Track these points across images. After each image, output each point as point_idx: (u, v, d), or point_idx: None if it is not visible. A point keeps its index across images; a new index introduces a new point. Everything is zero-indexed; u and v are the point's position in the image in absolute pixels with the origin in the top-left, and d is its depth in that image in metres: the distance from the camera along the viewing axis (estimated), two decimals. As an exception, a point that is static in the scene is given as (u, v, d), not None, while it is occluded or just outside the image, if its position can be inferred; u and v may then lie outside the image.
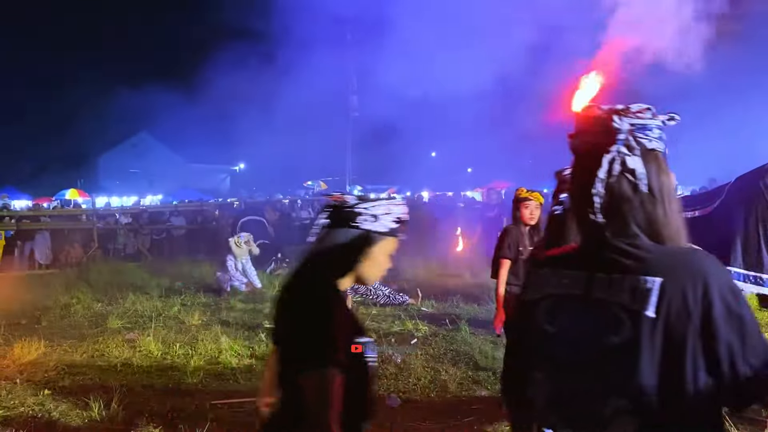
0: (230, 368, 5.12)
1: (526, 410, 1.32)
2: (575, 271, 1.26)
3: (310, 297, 1.59)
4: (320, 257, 1.67)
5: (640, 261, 1.17)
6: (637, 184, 1.22)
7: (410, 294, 8.23)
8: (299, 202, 21.85)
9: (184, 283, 9.91)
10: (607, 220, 1.22)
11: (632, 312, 1.14)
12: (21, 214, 15.77)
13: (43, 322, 7.17)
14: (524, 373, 1.32)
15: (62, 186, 28.65)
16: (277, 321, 1.70)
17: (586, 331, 1.21)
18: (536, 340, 1.30)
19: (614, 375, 1.15)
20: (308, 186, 34.83)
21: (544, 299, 1.30)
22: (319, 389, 1.48)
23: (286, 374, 1.60)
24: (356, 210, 1.66)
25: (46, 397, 4.40)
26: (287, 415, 1.59)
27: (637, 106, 1.25)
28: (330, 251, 1.66)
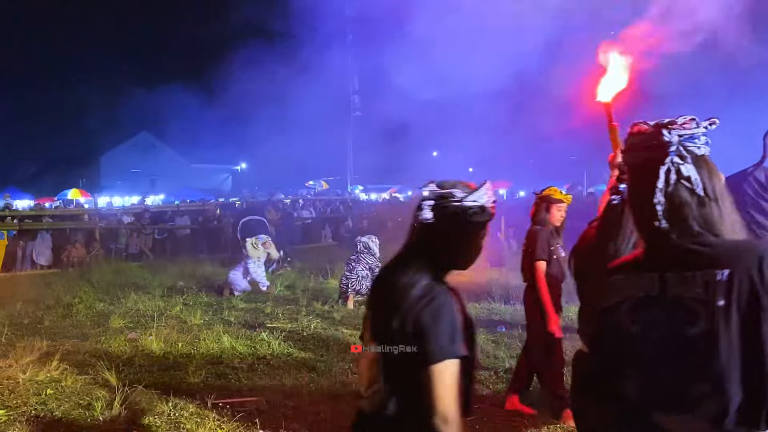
0: (232, 368, 5.13)
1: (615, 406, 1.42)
2: (648, 274, 1.38)
3: (427, 292, 1.60)
4: (428, 251, 1.67)
5: (707, 256, 1.30)
6: (693, 189, 1.35)
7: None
8: (301, 202, 21.87)
9: (185, 284, 9.92)
10: (670, 225, 1.36)
11: (706, 303, 1.27)
12: (23, 213, 15.80)
13: (46, 322, 7.19)
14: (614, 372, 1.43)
15: (64, 186, 28.70)
16: (376, 318, 1.71)
17: (666, 325, 1.33)
18: (622, 341, 1.42)
19: (696, 362, 1.27)
20: (310, 186, 34.85)
21: (623, 303, 1.42)
22: (445, 381, 1.51)
23: (396, 369, 1.60)
24: (465, 204, 1.67)
25: (48, 397, 4.41)
26: (400, 409, 1.60)
27: (682, 118, 1.40)
28: (440, 245, 1.67)
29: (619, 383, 1.42)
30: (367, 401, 1.69)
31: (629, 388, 1.39)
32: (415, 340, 1.55)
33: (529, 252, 4.20)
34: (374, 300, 1.79)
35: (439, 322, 1.55)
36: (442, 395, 1.50)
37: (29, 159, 43.61)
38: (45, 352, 5.49)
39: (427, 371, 1.51)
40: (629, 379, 1.39)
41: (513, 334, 6.20)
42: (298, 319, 7.08)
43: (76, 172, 40.10)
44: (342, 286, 8.09)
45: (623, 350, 1.42)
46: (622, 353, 1.42)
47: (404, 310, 1.59)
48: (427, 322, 1.55)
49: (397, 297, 1.62)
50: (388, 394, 1.61)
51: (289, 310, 7.65)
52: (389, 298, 1.65)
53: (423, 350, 1.53)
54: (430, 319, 1.55)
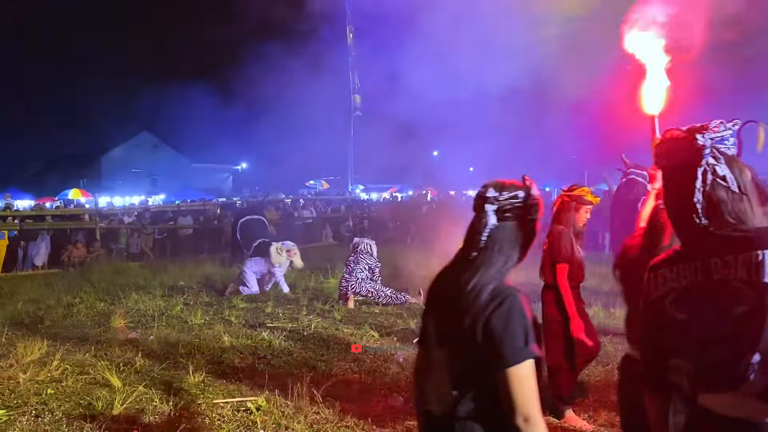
0: (232, 367, 5.13)
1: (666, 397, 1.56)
2: (691, 264, 1.52)
3: (497, 295, 1.61)
4: (492, 253, 1.68)
5: (746, 241, 1.43)
6: (729, 187, 1.50)
7: (412, 293, 8.23)
8: (301, 202, 21.88)
9: (186, 283, 9.93)
10: (708, 220, 1.50)
11: (751, 283, 1.39)
12: (24, 213, 15.81)
13: (47, 322, 7.19)
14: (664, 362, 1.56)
15: (65, 186, 28.72)
16: (443, 323, 1.73)
17: (714, 308, 1.45)
18: (670, 331, 1.54)
19: (746, 338, 1.38)
20: (311, 185, 34.87)
21: (668, 294, 1.55)
22: (524, 383, 1.54)
23: (469, 372, 1.61)
24: (529, 203, 1.70)
25: (49, 397, 4.41)
26: (476, 411, 1.61)
27: (713, 123, 1.56)
28: (506, 246, 1.69)
29: (669, 373, 1.53)
30: (436, 404, 1.69)
31: (679, 376, 1.50)
32: (490, 343, 1.57)
33: (551, 252, 4.10)
34: (438, 304, 1.80)
35: (513, 325, 1.57)
36: (521, 397, 1.53)
37: (30, 159, 43.64)
38: (45, 352, 5.50)
39: (504, 374, 1.54)
40: (679, 367, 1.50)
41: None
42: (299, 318, 7.08)
43: (77, 172, 40.15)
44: (342, 288, 8.08)
45: (671, 339, 1.53)
46: (670, 343, 1.53)
47: (475, 314, 1.60)
48: (501, 325, 1.57)
49: (466, 301, 1.63)
50: (462, 396, 1.62)
51: (289, 309, 7.65)
52: (458, 303, 1.65)
53: (499, 354, 1.55)
54: (504, 322, 1.57)
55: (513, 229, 1.70)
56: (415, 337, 6.12)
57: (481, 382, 1.59)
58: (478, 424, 1.61)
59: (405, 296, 7.99)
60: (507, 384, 1.53)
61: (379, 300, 7.90)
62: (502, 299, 1.60)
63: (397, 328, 6.54)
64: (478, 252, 1.69)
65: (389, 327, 6.59)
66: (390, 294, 7.96)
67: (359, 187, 33.07)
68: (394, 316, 7.19)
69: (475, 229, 1.72)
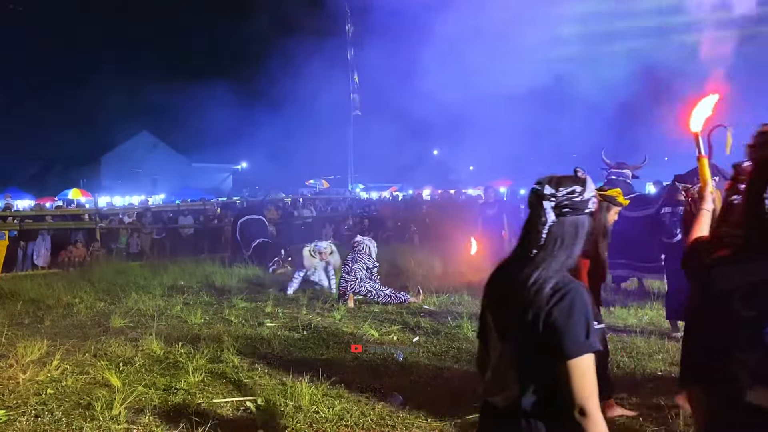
0: (232, 367, 5.13)
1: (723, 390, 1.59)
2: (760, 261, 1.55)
3: (559, 288, 1.63)
4: (553, 249, 1.70)
5: None
6: None
7: (412, 292, 8.24)
8: (301, 201, 21.87)
9: (186, 283, 9.93)
10: None
11: None
12: (24, 214, 15.81)
13: (46, 322, 7.19)
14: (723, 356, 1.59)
15: (65, 186, 28.71)
16: (504, 317, 1.75)
17: None
18: (737, 325, 1.57)
19: None
20: (310, 184, 34.87)
21: (737, 290, 1.58)
22: (583, 376, 1.56)
23: (531, 365, 1.64)
24: (585, 197, 1.72)
25: (48, 397, 4.42)
26: (538, 404, 1.63)
27: None
28: (566, 241, 1.70)
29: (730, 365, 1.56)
30: (499, 397, 1.72)
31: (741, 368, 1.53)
32: (551, 336, 1.59)
33: None
34: (497, 300, 1.82)
35: (574, 318, 1.59)
36: (580, 389, 1.55)
37: (30, 159, 43.63)
38: (45, 352, 5.50)
39: (565, 366, 1.56)
40: (744, 361, 1.54)
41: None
42: (299, 318, 7.08)
43: (77, 172, 40.14)
44: (341, 288, 8.09)
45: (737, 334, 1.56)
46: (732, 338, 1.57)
47: (537, 308, 1.62)
48: (563, 318, 1.59)
49: (528, 295, 1.65)
50: (524, 389, 1.65)
51: (289, 309, 7.65)
52: (519, 297, 1.67)
53: (560, 346, 1.58)
54: (565, 315, 1.59)
55: (572, 224, 1.71)
56: (416, 336, 6.13)
57: (543, 375, 1.62)
58: (540, 417, 1.63)
59: (405, 295, 7.99)
60: (566, 376, 1.56)
61: (379, 299, 7.90)
62: (565, 292, 1.62)
63: (397, 327, 6.53)
64: (539, 249, 1.71)
65: (389, 326, 6.59)
66: (389, 293, 7.96)
67: (359, 186, 33.08)
68: (393, 315, 7.19)
69: (534, 226, 1.74)
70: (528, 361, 1.65)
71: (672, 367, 4.97)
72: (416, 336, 6.16)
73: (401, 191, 29.91)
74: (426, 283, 8.92)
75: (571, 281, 1.66)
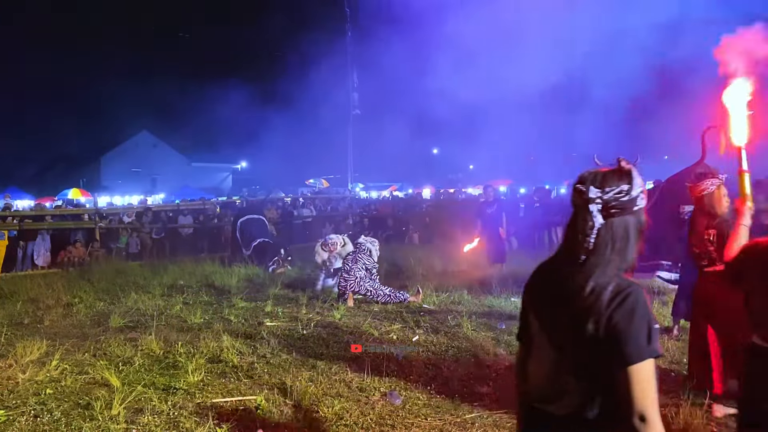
0: (232, 367, 5.12)
1: None
2: None
3: (618, 292, 1.57)
4: (603, 251, 1.61)
5: None
6: None
7: (411, 291, 8.23)
8: (301, 200, 21.86)
9: (185, 282, 9.92)
10: None
11: None
12: (24, 214, 15.80)
13: (46, 322, 7.18)
14: None
15: (65, 185, 28.71)
16: (556, 322, 1.67)
17: None
18: None
19: None
20: (310, 184, 34.87)
21: None
22: (644, 382, 1.50)
23: (587, 371, 1.58)
24: (633, 194, 1.63)
25: (48, 397, 4.41)
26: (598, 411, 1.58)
27: None
28: (619, 243, 1.62)
29: None
30: (556, 405, 1.65)
31: None
32: (612, 340, 1.53)
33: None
34: (544, 305, 1.74)
35: (635, 322, 1.53)
36: (641, 396, 1.50)
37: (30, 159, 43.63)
38: (45, 351, 5.50)
39: (626, 372, 1.51)
40: None
41: (513, 331, 6.18)
42: (299, 317, 7.07)
43: (77, 172, 40.15)
44: (340, 288, 8.08)
45: None
46: None
47: (597, 314, 1.56)
48: (624, 322, 1.53)
49: (586, 303, 1.58)
50: (586, 397, 1.59)
51: (289, 308, 7.65)
52: (576, 304, 1.60)
53: (621, 351, 1.52)
54: (626, 320, 1.53)
55: (621, 225, 1.62)
56: (415, 335, 6.13)
57: (598, 380, 1.56)
58: (604, 426, 1.58)
59: (404, 294, 7.98)
60: (626, 382, 1.50)
61: (378, 298, 7.89)
62: (625, 295, 1.56)
63: (397, 326, 6.53)
64: (588, 254, 1.62)
65: (389, 325, 6.58)
66: (389, 292, 7.95)
67: (359, 185, 33.07)
68: (393, 315, 7.19)
69: (580, 229, 1.65)
70: (589, 369, 1.58)
71: (672, 365, 4.97)
72: (416, 335, 6.15)
73: (401, 190, 29.91)
74: (425, 282, 8.92)
75: (630, 284, 1.59)
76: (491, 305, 7.66)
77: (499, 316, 6.98)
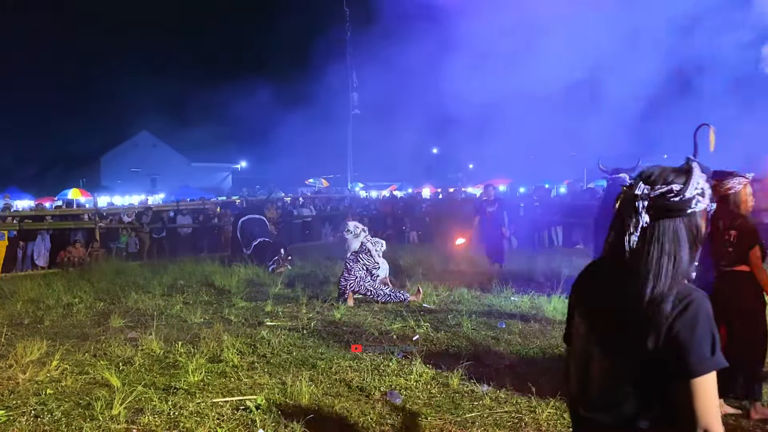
0: (232, 366, 5.12)
1: None
2: None
3: (680, 300, 1.48)
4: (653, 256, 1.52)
5: None
6: None
7: (411, 291, 8.23)
8: (301, 200, 21.85)
9: (185, 282, 9.93)
10: None
11: None
12: (24, 214, 15.80)
13: (46, 322, 7.18)
14: None
15: (64, 186, 28.71)
16: (606, 329, 1.59)
17: None
18: None
19: None
20: (310, 183, 34.86)
21: None
22: (708, 394, 1.44)
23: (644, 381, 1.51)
24: (687, 196, 1.52)
25: (48, 397, 4.42)
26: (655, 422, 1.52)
27: None
28: (667, 248, 1.52)
29: None
30: (607, 414, 1.58)
31: None
32: (673, 351, 1.46)
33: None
34: (598, 310, 1.64)
35: (698, 332, 1.45)
36: (705, 409, 1.43)
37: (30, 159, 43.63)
38: (45, 352, 5.50)
39: (688, 385, 1.44)
40: None
41: (513, 330, 6.20)
42: (299, 317, 7.08)
43: (77, 172, 40.15)
44: (340, 287, 8.08)
45: None
46: None
47: (657, 323, 1.48)
48: (686, 332, 1.45)
49: (645, 311, 1.50)
50: (640, 408, 1.52)
51: (289, 308, 7.65)
52: (632, 312, 1.52)
53: (683, 362, 1.44)
54: (689, 329, 1.45)
55: (671, 227, 1.52)
56: (415, 335, 6.13)
57: (654, 390, 1.50)
58: None
59: (404, 294, 7.99)
60: (688, 395, 1.43)
61: (378, 298, 7.89)
62: (687, 303, 1.48)
63: (397, 326, 6.53)
64: (631, 255, 1.54)
65: (389, 325, 6.58)
66: (389, 292, 7.96)
67: (359, 184, 33.07)
68: (393, 314, 7.19)
69: (624, 228, 1.56)
70: (645, 379, 1.51)
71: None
72: (416, 334, 6.16)
73: (401, 190, 29.91)
74: (425, 282, 8.92)
75: (692, 290, 1.51)
76: (491, 304, 7.67)
77: (499, 315, 6.98)
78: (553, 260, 10.59)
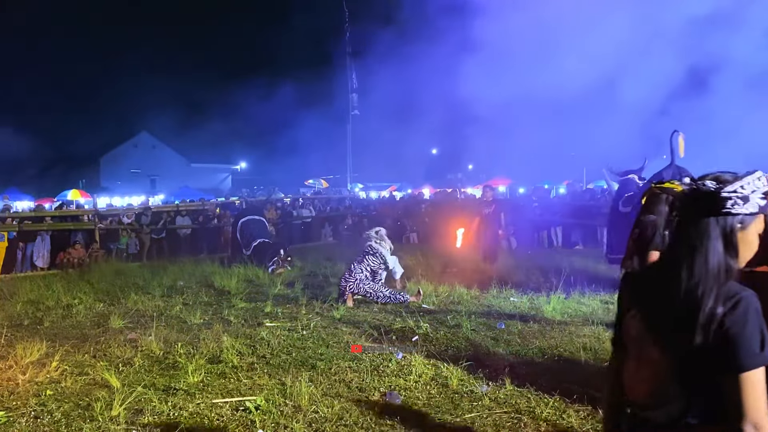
0: (232, 367, 5.12)
1: None
2: None
3: (729, 297, 1.52)
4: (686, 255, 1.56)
5: None
6: None
7: (411, 292, 8.23)
8: (300, 201, 21.86)
9: (185, 283, 9.93)
10: None
11: None
12: (24, 215, 15.80)
13: (46, 323, 7.18)
14: None
15: (64, 186, 28.71)
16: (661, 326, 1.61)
17: None
18: None
19: None
20: (310, 184, 34.87)
21: None
22: (756, 390, 1.47)
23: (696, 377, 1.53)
24: (722, 195, 1.55)
25: (48, 398, 4.42)
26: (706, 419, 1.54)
27: None
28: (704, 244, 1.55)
29: None
30: (658, 412, 1.61)
31: None
32: (723, 347, 1.49)
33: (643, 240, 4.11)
34: (646, 310, 1.68)
35: (748, 328, 1.49)
36: (753, 404, 1.46)
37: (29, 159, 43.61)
38: (45, 353, 5.50)
39: (737, 380, 1.47)
40: None
41: (512, 331, 6.20)
42: (298, 317, 7.08)
43: (76, 173, 40.14)
44: (341, 288, 8.09)
45: None
46: None
47: (706, 318, 1.51)
48: (737, 328, 1.49)
49: (691, 303, 1.53)
50: (689, 405, 1.55)
51: (288, 308, 7.65)
52: (680, 305, 1.56)
53: (733, 357, 1.48)
54: (739, 325, 1.49)
55: (706, 226, 1.55)
56: (415, 335, 6.13)
57: (705, 386, 1.53)
58: (696, 428, 1.54)
59: (404, 296, 7.99)
60: (738, 390, 1.47)
61: (378, 299, 7.90)
62: (737, 300, 1.51)
63: (396, 326, 6.53)
64: (669, 253, 1.59)
65: (388, 326, 6.59)
66: (389, 294, 7.96)
67: (358, 185, 33.09)
68: (393, 315, 7.19)
69: (659, 224, 1.64)
70: (694, 376, 1.54)
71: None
72: (415, 335, 6.16)
73: (400, 191, 29.93)
74: (425, 282, 8.92)
75: (741, 289, 1.54)
76: (490, 305, 7.67)
77: (498, 315, 6.99)
78: (552, 261, 10.60)
